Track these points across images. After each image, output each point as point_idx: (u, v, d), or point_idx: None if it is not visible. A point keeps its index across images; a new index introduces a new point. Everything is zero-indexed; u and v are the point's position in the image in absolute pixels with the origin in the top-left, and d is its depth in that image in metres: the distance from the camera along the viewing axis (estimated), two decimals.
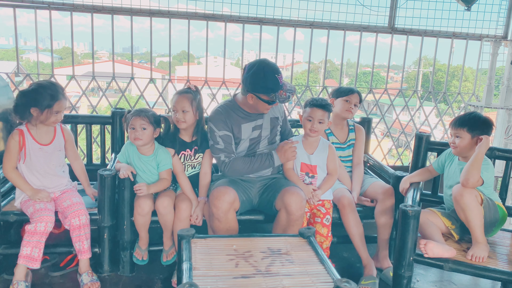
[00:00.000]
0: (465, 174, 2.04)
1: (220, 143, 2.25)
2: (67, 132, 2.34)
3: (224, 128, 2.26)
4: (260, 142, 2.35)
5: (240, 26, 3.53)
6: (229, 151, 2.27)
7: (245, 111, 2.30)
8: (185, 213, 2.25)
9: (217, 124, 2.26)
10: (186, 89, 2.38)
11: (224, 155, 2.26)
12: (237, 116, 2.29)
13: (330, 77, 22.35)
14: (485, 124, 2.16)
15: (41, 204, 2.11)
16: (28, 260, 2.03)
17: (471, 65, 8.14)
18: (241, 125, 2.29)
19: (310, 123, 2.27)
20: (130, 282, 2.27)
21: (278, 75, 2.14)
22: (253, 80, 2.15)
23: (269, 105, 2.21)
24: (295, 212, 2.12)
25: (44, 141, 2.22)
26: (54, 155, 2.25)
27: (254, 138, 2.33)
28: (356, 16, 3.63)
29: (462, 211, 2.04)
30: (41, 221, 2.03)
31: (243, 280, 1.52)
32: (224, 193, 2.10)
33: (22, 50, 32.62)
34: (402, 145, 4.72)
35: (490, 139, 2.16)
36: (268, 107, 2.24)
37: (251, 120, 2.31)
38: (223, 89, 3.57)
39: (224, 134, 2.25)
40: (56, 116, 2.16)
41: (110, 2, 3.20)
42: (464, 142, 2.16)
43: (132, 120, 2.23)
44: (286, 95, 2.15)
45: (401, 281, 2.03)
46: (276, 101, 2.16)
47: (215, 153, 2.29)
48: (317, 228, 2.29)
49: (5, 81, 2.47)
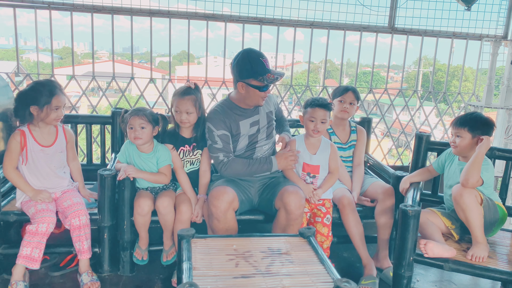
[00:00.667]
0: (465, 174, 2.04)
1: (219, 143, 2.25)
2: (69, 133, 2.35)
3: (222, 128, 2.26)
4: (258, 138, 2.34)
5: (240, 26, 3.53)
6: (228, 150, 2.27)
7: (241, 108, 2.30)
8: (186, 215, 2.25)
9: (215, 124, 2.26)
10: (187, 89, 2.33)
11: (223, 155, 2.26)
12: (234, 114, 2.29)
13: (330, 77, 22.36)
14: (486, 124, 2.15)
15: (43, 205, 2.11)
16: (28, 260, 2.02)
17: (471, 65, 8.13)
18: (239, 122, 2.29)
19: (313, 124, 2.27)
20: (130, 282, 2.27)
21: (263, 58, 2.17)
22: (239, 67, 2.18)
23: (260, 91, 2.19)
24: (294, 211, 2.13)
25: (46, 142, 2.22)
26: (55, 156, 2.25)
27: (252, 134, 2.33)
28: (356, 16, 3.64)
29: (462, 211, 2.04)
30: (43, 222, 2.03)
31: (243, 280, 1.52)
32: (223, 192, 2.10)
33: (22, 50, 32.63)
34: (402, 145, 4.72)
35: (490, 139, 2.15)
36: (260, 95, 2.21)
37: (248, 116, 2.31)
38: (223, 89, 3.57)
39: (222, 134, 2.26)
40: (56, 113, 2.16)
41: (110, 2, 3.20)
42: (465, 141, 2.16)
43: (131, 119, 2.23)
44: (274, 76, 2.15)
45: (401, 281, 2.03)
46: (265, 83, 2.16)
47: (213, 153, 2.28)
48: (318, 227, 2.29)
49: (5, 81, 2.47)
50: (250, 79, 2.17)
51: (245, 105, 2.30)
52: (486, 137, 2.09)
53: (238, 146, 2.32)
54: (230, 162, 2.25)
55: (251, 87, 2.18)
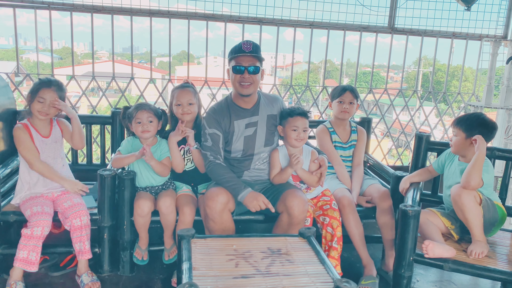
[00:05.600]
0: (466, 177, 2.04)
1: (209, 141, 2.26)
2: (62, 123, 2.38)
3: (214, 127, 2.26)
4: (256, 142, 2.30)
5: (240, 26, 3.53)
6: (216, 151, 2.25)
7: (239, 107, 2.30)
8: (189, 217, 2.24)
9: (208, 122, 2.27)
10: (185, 83, 2.43)
11: (210, 154, 2.25)
12: (231, 113, 2.29)
13: (330, 77, 22.37)
14: (483, 125, 2.14)
15: (38, 207, 2.10)
16: (25, 263, 2.03)
17: (471, 65, 8.12)
18: (233, 121, 2.28)
19: (296, 133, 2.25)
20: (130, 282, 2.27)
21: (245, 42, 2.19)
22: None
23: (234, 73, 2.19)
24: (297, 216, 2.11)
25: (44, 133, 2.27)
26: (52, 146, 2.29)
27: (249, 136, 2.30)
28: (356, 16, 3.64)
29: (461, 212, 2.05)
30: (37, 225, 2.02)
31: (243, 280, 1.52)
32: (217, 194, 2.10)
33: (22, 50, 32.63)
34: (402, 145, 4.72)
35: (491, 139, 2.15)
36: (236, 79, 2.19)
37: (245, 116, 2.30)
38: (223, 89, 3.57)
39: (213, 132, 2.25)
40: (40, 104, 2.18)
41: (110, 2, 3.20)
42: (458, 140, 2.16)
43: (138, 114, 2.27)
44: (247, 44, 2.17)
45: (401, 281, 2.03)
46: (241, 55, 2.16)
47: (203, 150, 2.28)
48: (329, 213, 2.28)
49: (5, 81, 2.48)
50: (231, 61, 2.22)
51: (243, 102, 2.29)
52: (478, 137, 2.07)
53: (234, 146, 2.30)
54: (214, 165, 2.23)
55: (232, 70, 2.20)
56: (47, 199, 2.21)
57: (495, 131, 2.16)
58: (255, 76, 2.20)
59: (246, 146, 2.30)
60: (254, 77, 2.20)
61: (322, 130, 2.68)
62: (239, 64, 2.18)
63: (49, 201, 2.20)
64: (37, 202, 2.14)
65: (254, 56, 2.18)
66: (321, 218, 2.30)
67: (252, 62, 2.18)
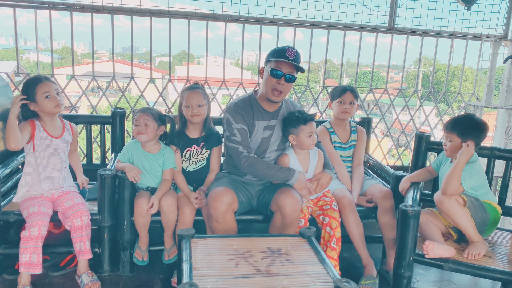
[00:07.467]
0: (444, 183, 2.06)
1: (237, 136, 2.23)
2: (75, 128, 2.39)
3: (241, 122, 2.24)
4: (269, 145, 2.31)
5: (240, 26, 3.54)
6: (247, 144, 2.24)
7: (261, 107, 2.29)
8: (189, 217, 2.25)
9: (234, 117, 2.24)
10: (194, 84, 2.40)
11: (242, 148, 2.22)
12: (254, 111, 2.28)
13: (330, 77, 22.37)
14: (476, 128, 2.14)
15: (35, 208, 2.10)
16: (29, 267, 2.02)
17: (471, 65, 8.13)
18: (255, 121, 2.28)
19: (312, 138, 2.26)
20: (130, 282, 2.27)
21: (289, 48, 2.16)
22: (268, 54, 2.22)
23: (272, 76, 2.16)
24: (289, 215, 2.12)
25: (55, 134, 2.26)
26: (61, 149, 2.29)
27: (264, 138, 2.30)
28: (356, 16, 3.64)
29: (448, 217, 2.08)
30: (33, 226, 2.02)
31: (243, 280, 1.52)
32: (222, 194, 2.10)
33: (22, 50, 32.63)
34: (402, 145, 4.72)
35: (490, 139, 2.15)
36: (272, 82, 2.17)
37: (265, 118, 2.29)
38: (223, 89, 3.57)
39: (241, 128, 2.23)
40: (50, 100, 2.17)
41: (110, 2, 3.21)
42: (454, 146, 2.16)
43: (137, 117, 2.28)
44: (291, 51, 2.14)
45: (401, 281, 2.03)
46: (283, 61, 2.13)
47: (232, 143, 2.23)
48: (329, 213, 2.28)
49: (5, 81, 2.47)
50: (270, 63, 2.19)
51: (267, 104, 2.28)
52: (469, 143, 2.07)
53: (251, 144, 2.29)
54: (253, 160, 2.20)
55: (268, 72, 2.18)
56: (46, 200, 2.20)
57: (487, 131, 2.18)
58: (289, 85, 2.20)
59: (260, 147, 2.31)
60: (288, 86, 2.20)
61: (322, 131, 2.68)
62: (279, 69, 2.16)
63: (47, 202, 2.19)
64: (34, 203, 2.14)
65: (294, 65, 2.17)
66: (321, 218, 2.30)
67: (291, 70, 2.17)
